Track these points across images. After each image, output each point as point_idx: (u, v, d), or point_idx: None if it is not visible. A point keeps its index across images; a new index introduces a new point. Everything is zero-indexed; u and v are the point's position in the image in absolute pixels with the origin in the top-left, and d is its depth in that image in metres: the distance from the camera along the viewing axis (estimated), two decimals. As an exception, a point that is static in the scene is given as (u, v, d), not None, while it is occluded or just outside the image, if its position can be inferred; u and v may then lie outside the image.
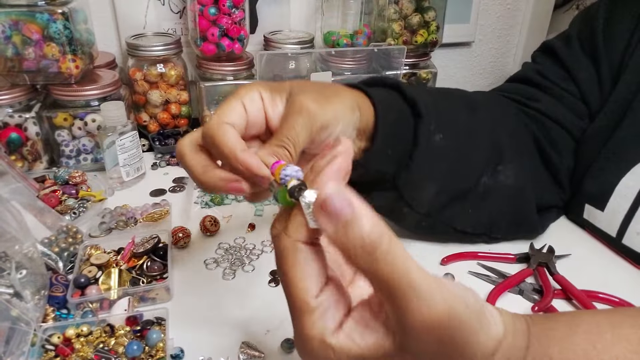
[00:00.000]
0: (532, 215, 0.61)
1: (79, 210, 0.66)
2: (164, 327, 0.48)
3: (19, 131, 0.74)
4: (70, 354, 0.45)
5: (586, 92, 0.62)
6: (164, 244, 0.58)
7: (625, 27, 0.60)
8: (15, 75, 0.73)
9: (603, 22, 0.62)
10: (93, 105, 0.77)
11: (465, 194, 0.56)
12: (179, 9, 0.94)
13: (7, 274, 0.48)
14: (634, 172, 0.57)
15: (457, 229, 0.59)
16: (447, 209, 0.56)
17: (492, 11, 1.17)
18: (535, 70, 0.66)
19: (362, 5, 0.96)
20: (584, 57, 0.63)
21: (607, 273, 0.58)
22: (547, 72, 0.65)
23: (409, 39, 0.95)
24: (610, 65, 0.61)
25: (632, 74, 0.59)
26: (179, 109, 0.90)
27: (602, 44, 0.61)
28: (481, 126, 0.58)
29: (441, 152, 0.53)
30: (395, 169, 0.51)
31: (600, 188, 0.60)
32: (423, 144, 0.51)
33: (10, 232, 0.50)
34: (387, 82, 0.53)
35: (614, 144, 0.60)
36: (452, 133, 0.54)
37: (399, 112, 0.50)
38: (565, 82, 0.64)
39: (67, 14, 0.70)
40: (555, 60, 0.65)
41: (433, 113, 0.52)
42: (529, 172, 0.60)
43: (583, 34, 0.64)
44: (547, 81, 0.64)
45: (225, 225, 0.66)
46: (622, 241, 0.59)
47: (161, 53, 0.85)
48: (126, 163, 0.73)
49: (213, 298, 0.54)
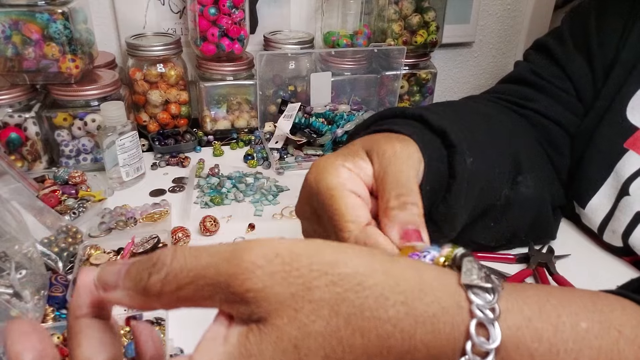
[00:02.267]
0: (550, 221, 0.61)
1: (79, 210, 0.66)
2: (163, 328, 0.48)
3: (18, 131, 0.74)
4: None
5: (580, 90, 0.62)
6: (163, 244, 0.58)
7: (618, 21, 0.60)
8: (15, 75, 0.73)
9: (595, 17, 0.62)
10: (93, 105, 0.77)
11: (486, 210, 0.54)
12: (179, 9, 0.94)
13: (6, 274, 0.48)
14: (617, 170, 0.57)
15: (480, 243, 0.57)
16: (469, 227, 0.53)
17: (492, 11, 1.17)
18: (529, 70, 0.66)
19: (362, 5, 0.96)
20: (577, 53, 0.63)
21: (607, 273, 0.58)
22: (542, 71, 0.64)
23: (408, 40, 0.95)
24: (604, 60, 0.61)
25: (622, 69, 0.58)
26: (178, 109, 0.90)
27: (595, 39, 0.61)
28: (499, 140, 0.56)
29: (474, 177, 0.49)
30: (430, 203, 0.46)
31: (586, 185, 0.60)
32: (460, 174, 0.46)
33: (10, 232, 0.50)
34: (407, 113, 0.49)
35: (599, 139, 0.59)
36: (479, 153, 0.50)
37: (433, 146, 0.46)
38: (560, 80, 0.63)
39: (67, 14, 0.70)
40: (549, 58, 0.65)
41: (463, 140, 0.48)
42: (546, 178, 0.60)
43: (575, 30, 0.64)
44: (543, 80, 0.64)
45: (225, 225, 0.66)
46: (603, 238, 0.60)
47: (161, 53, 0.85)
48: (126, 163, 0.73)
49: (213, 298, 0.54)
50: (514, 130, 0.59)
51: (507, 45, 1.23)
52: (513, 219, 0.57)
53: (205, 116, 0.92)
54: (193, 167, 0.81)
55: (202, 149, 0.88)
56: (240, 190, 0.74)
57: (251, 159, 0.84)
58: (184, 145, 0.86)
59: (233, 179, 0.76)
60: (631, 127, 0.57)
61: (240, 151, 0.89)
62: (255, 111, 0.93)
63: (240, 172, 0.79)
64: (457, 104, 0.62)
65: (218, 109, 0.92)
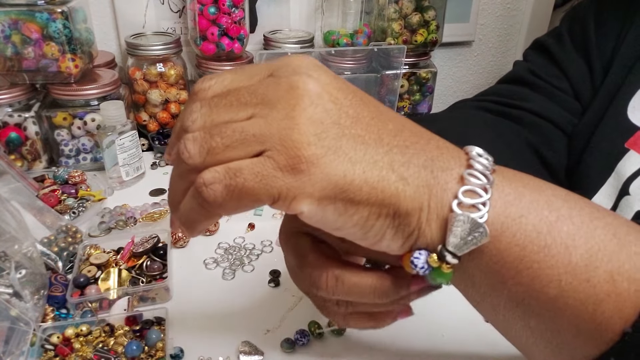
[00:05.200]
0: None
1: (79, 210, 0.66)
2: (163, 327, 0.48)
3: (18, 130, 0.74)
4: (70, 353, 0.45)
5: (579, 89, 0.62)
6: (163, 243, 0.58)
7: (616, 21, 0.60)
8: (15, 74, 0.73)
9: (593, 17, 0.62)
10: (92, 105, 0.77)
11: None
12: (179, 8, 0.93)
13: (6, 274, 0.47)
14: (617, 170, 0.57)
15: None
16: None
17: (492, 10, 1.17)
18: (527, 69, 0.66)
19: (362, 4, 0.96)
20: (575, 53, 0.63)
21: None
22: (540, 71, 0.65)
23: (408, 39, 0.95)
24: (602, 59, 0.61)
25: (620, 67, 0.58)
26: (178, 108, 0.90)
27: (593, 38, 0.61)
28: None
29: None
30: None
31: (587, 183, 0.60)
32: None
33: (10, 231, 0.50)
34: None
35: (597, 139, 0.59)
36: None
37: None
38: (558, 79, 0.63)
39: (66, 13, 0.70)
40: (548, 58, 0.65)
41: None
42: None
43: (574, 30, 0.64)
44: (540, 80, 0.64)
45: (225, 225, 0.66)
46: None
47: (161, 52, 0.85)
48: (125, 162, 0.73)
49: (213, 298, 0.54)
50: (493, 144, 0.60)
51: (506, 44, 1.23)
52: None
53: (205, 115, 0.91)
54: (193, 166, 0.81)
55: (202, 149, 0.88)
56: (240, 190, 0.74)
57: (251, 159, 0.83)
58: (184, 144, 0.86)
59: (233, 179, 0.76)
60: (632, 126, 0.57)
61: (240, 150, 0.88)
62: (255, 110, 0.92)
63: (240, 171, 0.79)
64: (439, 122, 0.63)
65: (218, 109, 0.92)
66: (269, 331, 0.49)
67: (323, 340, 0.48)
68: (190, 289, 0.55)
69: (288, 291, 0.54)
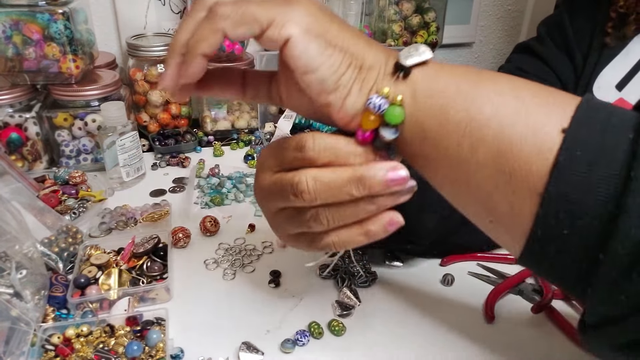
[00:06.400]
0: None
1: (79, 211, 0.66)
2: (163, 328, 0.48)
3: (19, 131, 0.74)
4: (70, 354, 0.45)
5: (564, 80, 0.64)
6: (164, 244, 0.58)
7: (589, 15, 0.63)
8: (16, 75, 0.73)
9: (568, 17, 0.65)
10: (93, 106, 0.77)
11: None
12: (180, 9, 0.94)
13: (7, 274, 0.48)
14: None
15: (472, 248, 0.60)
16: (456, 235, 0.56)
17: (492, 12, 1.17)
18: (514, 67, 0.68)
19: (362, 6, 0.96)
20: (558, 51, 0.65)
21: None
22: (527, 67, 0.66)
23: (409, 40, 0.96)
24: (581, 50, 0.63)
25: (593, 57, 0.61)
26: (179, 109, 0.90)
27: (571, 32, 0.64)
28: None
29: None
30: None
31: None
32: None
33: (10, 232, 0.50)
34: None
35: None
36: None
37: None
38: (545, 73, 0.65)
39: (67, 14, 0.70)
40: (533, 56, 0.67)
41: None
42: None
43: (553, 32, 0.66)
44: (527, 74, 0.65)
45: (225, 226, 0.66)
46: None
47: (162, 53, 0.85)
48: (126, 163, 0.73)
49: (213, 298, 0.54)
50: None
51: (507, 46, 1.23)
52: None
53: (205, 116, 0.92)
54: (193, 167, 0.81)
55: (203, 149, 0.88)
56: (240, 191, 0.74)
57: (251, 160, 0.84)
58: (184, 145, 0.86)
59: (233, 179, 0.76)
60: None
61: (240, 151, 0.89)
62: (256, 111, 0.93)
63: (241, 172, 0.79)
64: None
65: (218, 110, 0.92)
66: (269, 331, 0.49)
67: (323, 340, 0.48)
68: (190, 289, 0.55)
69: (288, 291, 0.54)
